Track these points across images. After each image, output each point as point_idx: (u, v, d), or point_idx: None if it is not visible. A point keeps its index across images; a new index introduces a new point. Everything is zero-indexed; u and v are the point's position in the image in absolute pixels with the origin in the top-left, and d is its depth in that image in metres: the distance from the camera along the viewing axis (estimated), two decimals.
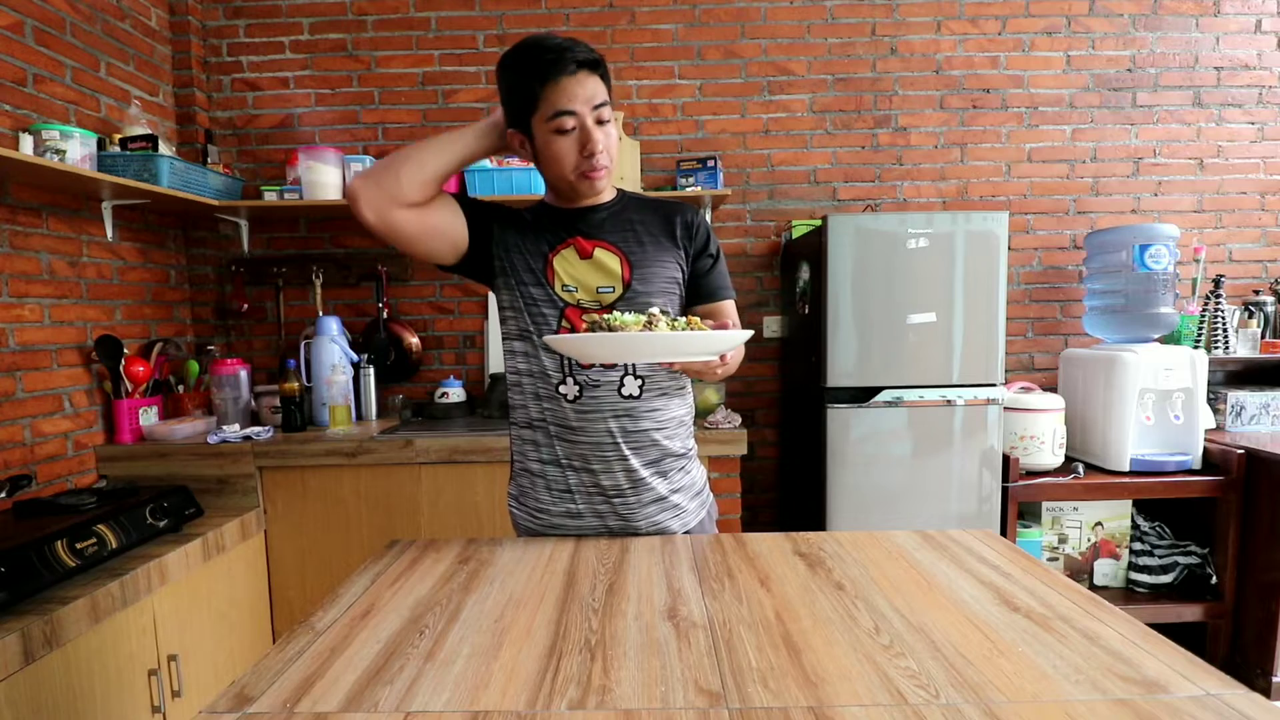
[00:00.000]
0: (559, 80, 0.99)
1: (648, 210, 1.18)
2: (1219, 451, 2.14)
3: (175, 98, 2.48)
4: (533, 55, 1.01)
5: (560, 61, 0.99)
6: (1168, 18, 2.56)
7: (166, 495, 1.85)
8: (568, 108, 1.01)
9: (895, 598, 0.85)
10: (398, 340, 2.57)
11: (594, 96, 1.02)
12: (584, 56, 1.01)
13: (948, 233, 2.05)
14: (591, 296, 1.11)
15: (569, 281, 1.11)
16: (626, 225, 1.15)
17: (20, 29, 1.84)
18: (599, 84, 1.03)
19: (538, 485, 1.16)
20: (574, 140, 1.03)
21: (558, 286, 1.11)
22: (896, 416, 2.10)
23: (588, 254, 1.12)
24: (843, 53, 2.57)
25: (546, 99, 1.01)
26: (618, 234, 1.14)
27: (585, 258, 1.12)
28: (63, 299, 1.95)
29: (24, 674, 1.28)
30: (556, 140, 1.03)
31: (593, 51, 1.03)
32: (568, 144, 1.03)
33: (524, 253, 1.12)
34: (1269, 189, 2.62)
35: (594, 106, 1.02)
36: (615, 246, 1.13)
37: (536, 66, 1.00)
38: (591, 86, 1.01)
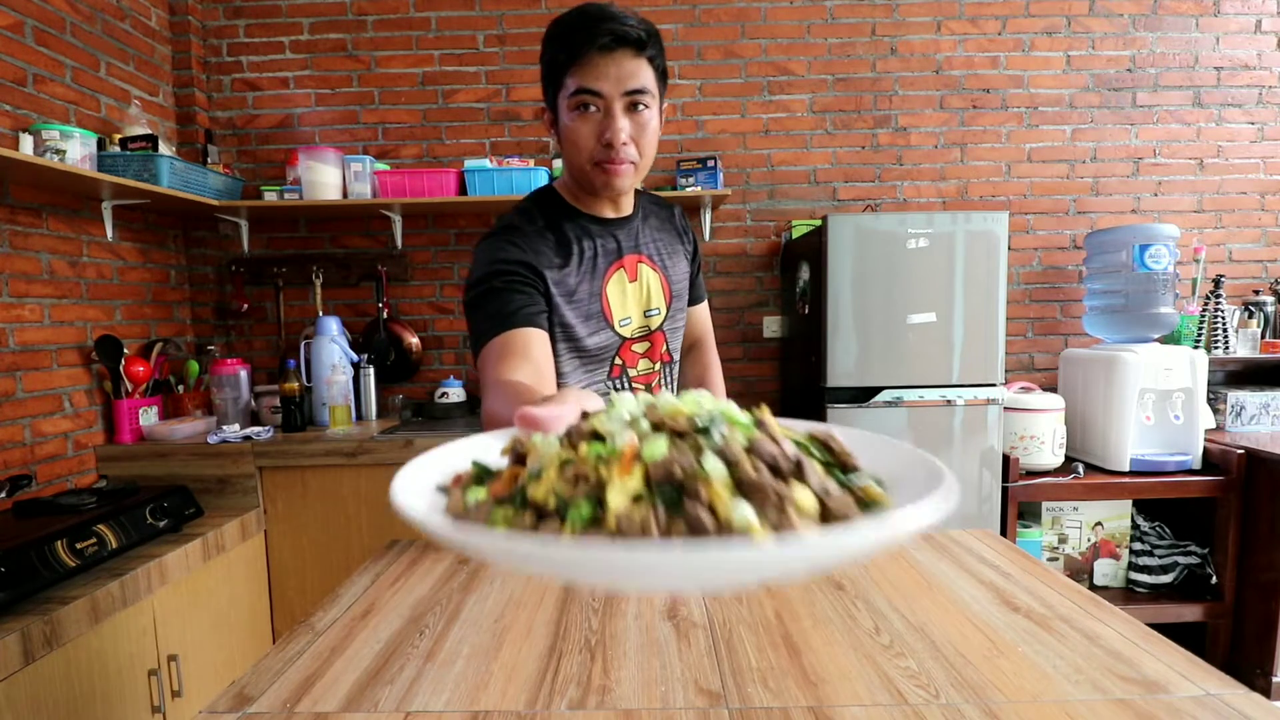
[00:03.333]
0: (587, 54, 0.85)
1: (656, 214, 1.09)
2: (1219, 451, 2.14)
3: (175, 98, 2.48)
4: (569, 23, 0.87)
5: (593, 32, 0.84)
6: (1168, 18, 2.56)
7: (166, 495, 1.85)
8: (590, 86, 0.85)
9: (895, 598, 0.85)
10: (398, 340, 2.57)
11: (628, 79, 0.86)
12: (624, 31, 0.84)
13: (948, 233, 2.05)
14: (640, 324, 1.01)
15: (623, 315, 0.99)
16: (654, 235, 1.05)
17: (20, 29, 1.83)
18: (641, 66, 0.86)
19: None
20: (594, 124, 0.88)
21: (616, 323, 0.98)
22: (896, 416, 2.10)
23: (634, 276, 1.00)
24: (843, 53, 2.57)
25: (571, 73, 0.87)
26: (652, 246, 1.03)
27: (632, 281, 1.00)
28: (63, 299, 1.95)
29: (24, 674, 1.28)
30: (575, 121, 0.88)
31: (645, 28, 0.86)
32: (586, 128, 0.88)
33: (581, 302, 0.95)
34: (1269, 189, 2.62)
35: (626, 91, 0.86)
36: (654, 261, 1.02)
37: (568, 35, 0.86)
38: (629, 67, 0.85)
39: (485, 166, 2.33)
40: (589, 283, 0.96)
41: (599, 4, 0.86)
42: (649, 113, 0.89)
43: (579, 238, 0.96)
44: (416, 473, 0.44)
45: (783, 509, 0.35)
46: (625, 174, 0.91)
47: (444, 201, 2.35)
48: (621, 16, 0.84)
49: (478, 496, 0.41)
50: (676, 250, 1.09)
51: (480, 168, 2.32)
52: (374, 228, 2.59)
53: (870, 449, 0.46)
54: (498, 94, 2.57)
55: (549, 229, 0.96)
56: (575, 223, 0.97)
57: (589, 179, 0.93)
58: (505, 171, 2.33)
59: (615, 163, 0.89)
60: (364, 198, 2.34)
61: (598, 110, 0.87)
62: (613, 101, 0.86)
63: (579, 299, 0.95)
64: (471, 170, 2.33)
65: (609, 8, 0.85)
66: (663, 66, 0.90)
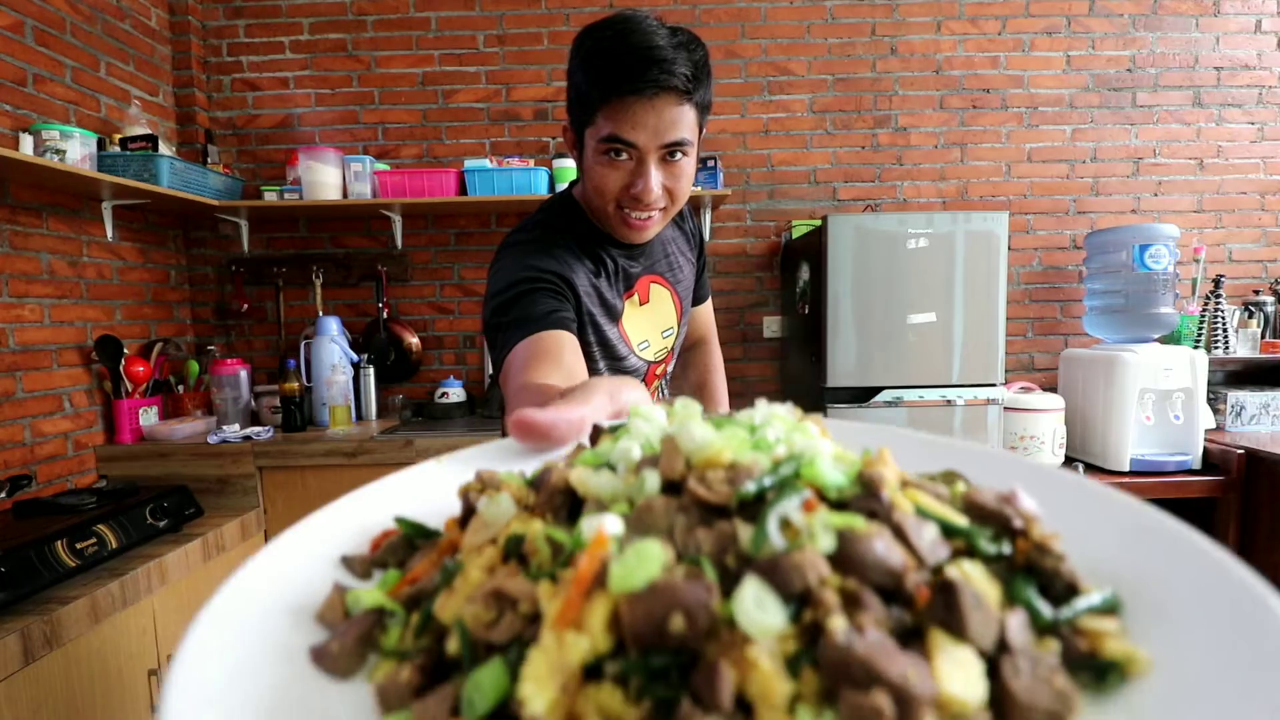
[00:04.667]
0: (624, 100, 0.74)
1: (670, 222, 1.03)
2: (1219, 451, 2.14)
3: (175, 98, 2.48)
4: (606, 53, 0.74)
5: (634, 77, 0.72)
6: (1168, 18, 2.55)
7: (166, 495, 1.85)
8: (624, 137, 0.75)
9: None
10: (398, 340, 2.57)
11: (667, 130, 0.75)
12: (672, 82, 0.73)
13: (948, 233, 2.05)
14: (659, 346, 0.97)
15: (639, 339, 0.95)
16: (668, 248, 1.00)
17: (20, 29, 1.83)
18: (684, 114, 0.76)
19: None
20: (624, 173, 0.79)
21: (635, 348, 0.94)
22: (896, 416, 2.09)
23: (645, 299, 0.95)
24: (843, 53, 2.57)
25: (605, 115, 0.76)
26: (664, 262, 0.99)
27: (644, 304, 0.95)
28: (63, 299, 1.95)
29: (24, 674, 1.28)
30: (602, 166, 0.79)
31: (693, 64, 0.74)
32: (615, 175, 0.79)
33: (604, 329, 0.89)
34: (1269, 189, 2.62)
35: (664, 143, 0.76)
36: (666, 280, 0.99)
37: (604, 71, 0.74)
38: (670, 116, 0.75)
39: (485, 166, 2.33)
40: (611, 310, 0.90)
41: (643, 25, 0.74)
42: (686, 160, 0.80)
43: (600, 262, 0.89)
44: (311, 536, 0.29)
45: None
46: (650, 228, 0.84)
47: (444, 201, 2.35)
48: (669, 58, 0.72)
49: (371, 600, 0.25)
50: (685, 256, 1.05)
51: (480, 168, 2.32)
52: (374, 228, 2.59)
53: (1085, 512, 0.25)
54: (498, 94, 2.57)
55: (578, 244, 0.88)
56: (598, 244, 0.90)
57: (609, 223, 0.86)
58: (505, 171, 2.33)
59: (640, 220, 0.82)
60: (364, 198, 2.34)
61: (629, 159, 0.78)
62: (648, 154, 0.77)
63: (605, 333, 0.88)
64: (471, 170, 2.33)
65: (655, 36, 0.73)
66: (708, 102, 0.80)
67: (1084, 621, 0.21)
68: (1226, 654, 0.19)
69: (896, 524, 0.22)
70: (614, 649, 0.20)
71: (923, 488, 0.25)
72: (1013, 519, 0.23)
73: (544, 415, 0.33)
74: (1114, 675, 0.19)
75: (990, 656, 0.19)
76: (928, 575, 0.21)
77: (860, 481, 0.24)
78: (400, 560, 0.29)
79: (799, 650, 0.19)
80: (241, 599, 0.25)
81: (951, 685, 0.18)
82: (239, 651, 0.22)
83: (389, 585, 0.26)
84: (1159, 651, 0.19)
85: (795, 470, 0.24)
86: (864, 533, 0.21)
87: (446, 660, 0.22)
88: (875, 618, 0.19)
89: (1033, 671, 0.18)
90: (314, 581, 0.27)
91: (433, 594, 0.24)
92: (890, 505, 0.23)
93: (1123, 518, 0.24)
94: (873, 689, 0.17)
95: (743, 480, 0.23)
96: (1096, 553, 0.23)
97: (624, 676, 0.19)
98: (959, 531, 0.23)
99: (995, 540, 0.23)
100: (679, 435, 0.26)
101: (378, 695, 0.22)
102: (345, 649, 0.23)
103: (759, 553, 0.21)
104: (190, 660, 0.21)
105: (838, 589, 0.20)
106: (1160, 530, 0.23)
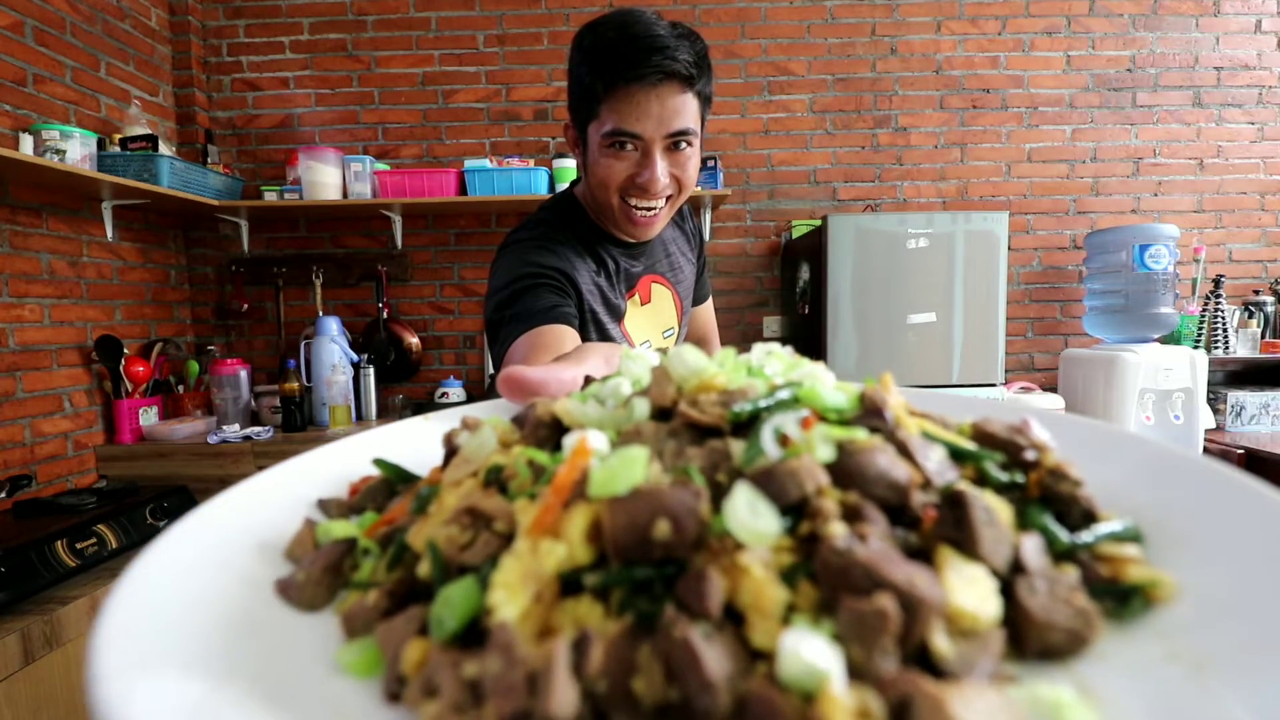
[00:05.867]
0: (628, 89, 0.74)
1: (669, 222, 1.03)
2: (1219, 452, 2.14)
3: (175, 98, 2.48)
4: (609, 45, 0.75)
5: (637, 65, 0.73)
6: (1168, 18, 2.56)
7: (166, 495, 1.85)
8: (629, 129, 0.76)
9: None
10: (398, 340, 2.57)
11: (671, 119, 0.76)
12: (674, 66, 0.73)
13: (948, 233, 2.05)
14: (660, 345, 0.97)
15: (642, 339, 0.95)
16: (668, 248, 1.00)
17: (20, 29, 1.83)
18: (686, 103, 0.77)
19: None
20: (629, 163, 0.79)
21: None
22: None
23: (647, 299, 0.96)
24: (843, 53, 2.57)
25: (609, 107, 0.76)
26: (665, 262, 0.99)
27: (645, 304, 0.95)
28: (63, 299, 1.95)
29: (24, 674, 1.28)
30: (607, 158, 0.79)
31: (695, 53, 0.76)
32: (620, 166, 0.79)
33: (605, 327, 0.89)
34: (1269, 189, 2.62)
35: (669, 133, 0.77)
36: (667, 279, 0.99)
37: (608, 63, 0.75)
38: (674, 105, 0.75)
39: (485, 166, 2.33)
40: (614, 309, 0.90)
41: (644, 18, 0.75)
42: (691, 150, 0.80)
43: (601, 262, 0.90)
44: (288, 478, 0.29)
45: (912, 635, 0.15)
46: (656, 223, 0.84)
47: (444, 201, 2.35)
48: (671, 46, 0.73)
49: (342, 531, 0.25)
50: (685, 256, 1.04)
51: (480, 168, 2.32)
52: (374, 228, 2.59)
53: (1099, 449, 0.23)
54: (498, 94, 2.57)
55: (577, 241, 0.88)
56: (600, 244, 0.90)
57: (615, 219, 0.86)
58: (505, 171, 2.33)
59: (647, 216, 0.83)
60: (364, 198, 2.34)
61: (634, 149, 0.78)
62: (653, 144, 0.77)
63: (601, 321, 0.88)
64: (471, 170, 2.33)
65: (656, 27, 0.74)
66: (710, 93, 0.81)
67: (1104, 548, 0.19)
68: (1259, 575, 0.17)
69: (901, 442, 0.19)
70: (594, 563, 0.18)
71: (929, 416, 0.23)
72: (1025, 448, 0.21)
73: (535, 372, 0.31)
74: (1138, 601, 0.18)
75: (1004, 578, 0.17)
76: (935, 496, 0.18)
77: (862, 403, 0.21)
78: (379, 505, 0.27)
79: (795, 564, 0.17)
80: (205, 529, 0.24)
81: (962, 599, 0.15)
82: (197, 577, 0.20)
83: (365, 526, 0.25)
84: (1185, 576, 0.18)
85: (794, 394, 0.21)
86: (866, 445, 0.19)
87: (417, 587, 0.21)
88: (879, 531, 0.17)
89: (1050, 591, 0.17)
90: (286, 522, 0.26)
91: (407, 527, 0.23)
92: (895, 423, 0.20)
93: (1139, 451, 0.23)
94: (875, 593, 0.15)
95: (737, 401, 0.21)
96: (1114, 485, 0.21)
97: (604, 590, 0.17)
98: (968, 455, 0.20)
99: (1007, 469, 0.20)
100: (670, 361, 0.24)
101: (343, 622, 0.20)
102: (312, 579, 0.21)
103: (752, 465, 0.18)
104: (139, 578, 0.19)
105: (838, 501, 0.18)
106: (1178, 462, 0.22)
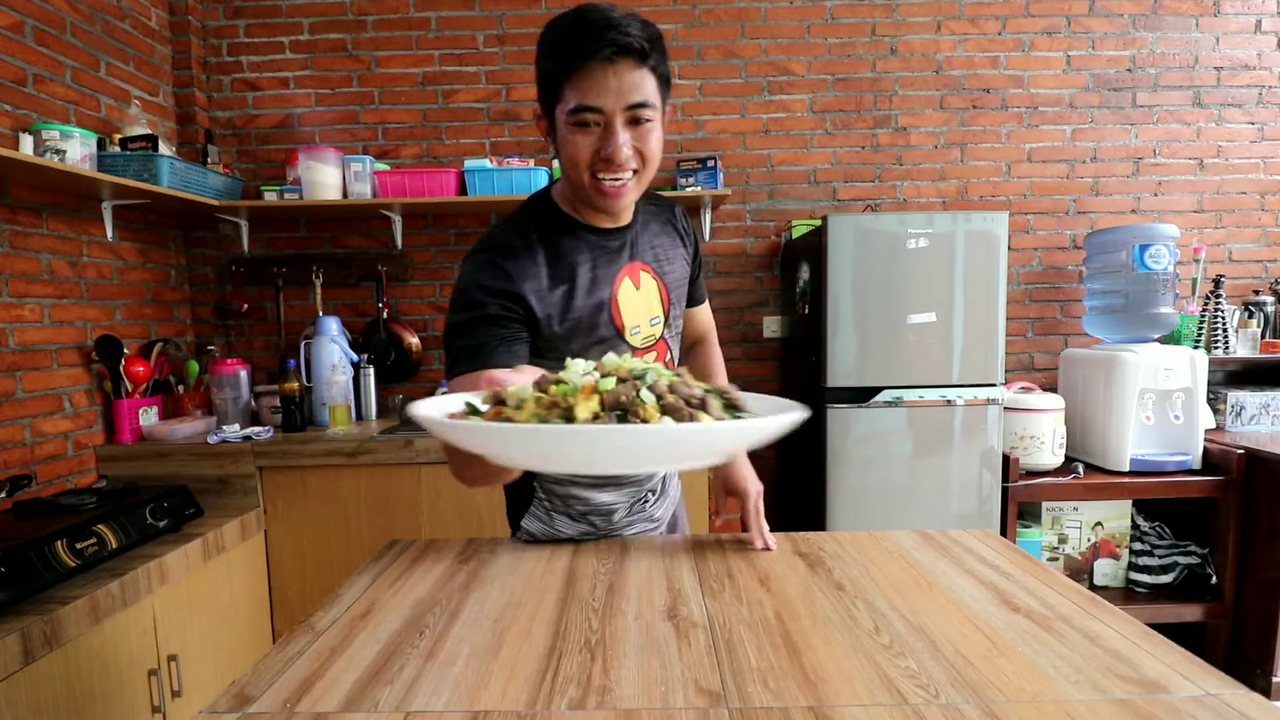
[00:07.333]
0: (587, 67, 0.81)
1: (655, 217, 1.07)
2: (1219, 451, 2.14)
3: (175, 98, 2.48)
4: (566, 30, 0.82)
5: (592, 42, 0.80)
6: (1168, 18, 2.56)
7: (166, 495, 1.85)
8: (590, 103, 0.82)
9: (895, 598, 0.85)
10: (398, 340, 2.57)
11: (629, 92, 0.82)
12: (627, 40, 0.80)
13: (948, 233, 2.05)
14: (649, 333, 1.00)
15: (633, 324, 0.98)
16: (653, 242, 1.04)
17: (20, 29, 1.83)
18: (643, 77, 0.83)
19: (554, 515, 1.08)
20: (594, 138, 0.85)
21: (627, 333, 0.97)
22: (896, 417, 2.10)
23: (638, 284, 0.99)
24: (843, 53, 2.57)
25: (571, 86, 0.83)
26: (650, 254, 1.03)
27: (637, 289, 0.99)
28: (63, 299, 1.95)
29: (24, 674, 1.28)
30: (573, 135, 0.85)
31: (647, 32, 0.82)
32: (586, 142, 0.85)
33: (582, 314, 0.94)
34: (1269, 189, 2.62)
35: (628, 106, 0.83)
36: (653, 269, 1.02)
37: (566, 45, 0.82)
38: (631, 79, 0.82)
39: (485, 166, 2.33)
40: (592, 297, 0.94)
41: (599, 6, 0.82)
42: (651, 124, 0.86)
43: (577, 253, 0.95)
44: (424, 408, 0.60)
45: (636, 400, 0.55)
46: (625, 194, 0.89)
47: (444, 201, 2.35)
48: (622, 23, 0.80)
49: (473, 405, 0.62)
50: (675, 253, 1.07)
51: (480, 168, 2.32)
52: (374, 228, 2.59)
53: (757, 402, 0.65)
54: (498, 94, 2.57)
55: (543, 244, 0.94)
56: (573, 236, 0.95)
57: (587, 195, 0.90)
58: (505, 171, 2.33)
59: (615, 185, 0.88)
60: (364, 198, 2.34)
61: (598, 125, 0.84)
62: (614, 117, 0.83)
63: (582, 318, 0.93)
64: (471, 170, 2.33)
65: (610, 11, 0.81)
66: (666, 73, 0.87)
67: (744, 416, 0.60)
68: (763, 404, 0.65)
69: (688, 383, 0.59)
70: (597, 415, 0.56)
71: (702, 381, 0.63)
72: (726, 391, 0.63)
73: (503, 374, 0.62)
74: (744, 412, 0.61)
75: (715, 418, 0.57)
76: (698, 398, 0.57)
77: (676, 374, 0.61)
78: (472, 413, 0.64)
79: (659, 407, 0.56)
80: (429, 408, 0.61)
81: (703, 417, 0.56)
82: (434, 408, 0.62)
83: None
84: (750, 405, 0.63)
85: (653, 368, 0.61)
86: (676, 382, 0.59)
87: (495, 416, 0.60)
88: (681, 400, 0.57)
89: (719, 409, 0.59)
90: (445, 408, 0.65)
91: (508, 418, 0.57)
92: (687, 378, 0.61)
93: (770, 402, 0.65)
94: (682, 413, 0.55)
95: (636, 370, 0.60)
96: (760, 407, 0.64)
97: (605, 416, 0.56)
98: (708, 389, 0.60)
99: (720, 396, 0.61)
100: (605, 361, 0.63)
101: None
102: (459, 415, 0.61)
103: (646, 384, 0.57)
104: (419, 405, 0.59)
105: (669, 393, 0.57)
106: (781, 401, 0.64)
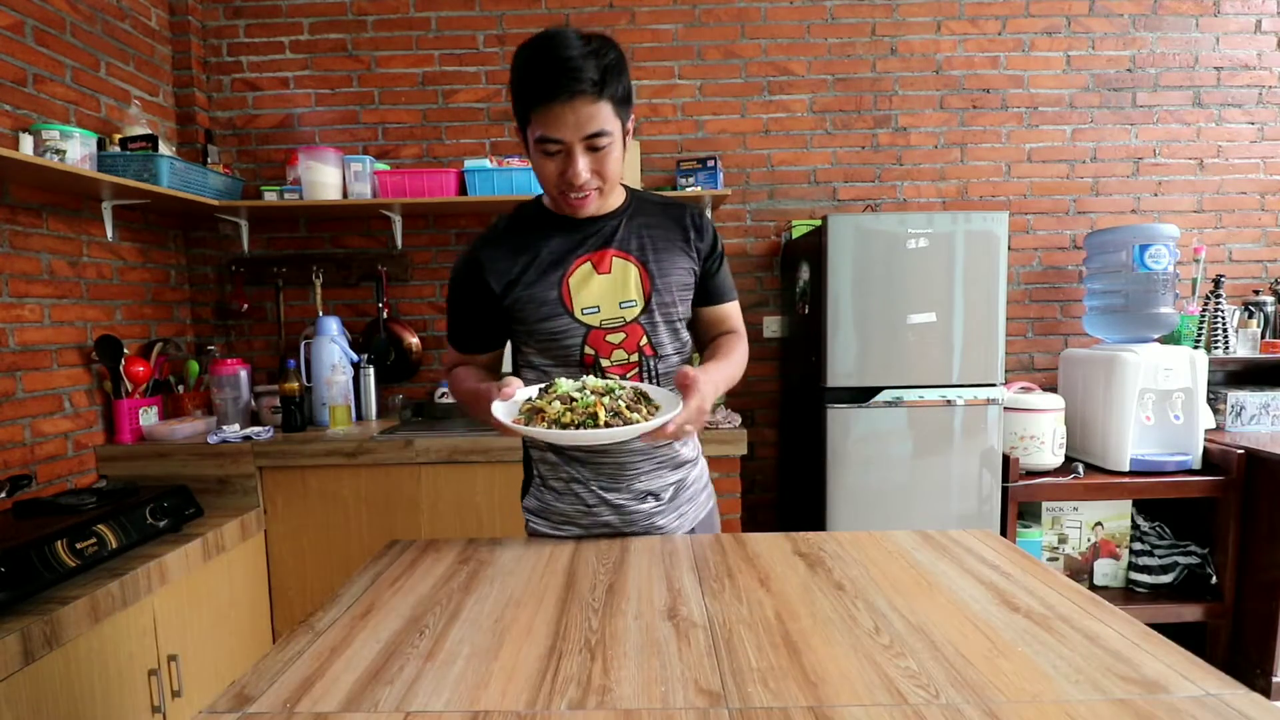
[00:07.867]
0: (549, 106, 0.92)
1: (657, 213, 1.13)
2: (1219, 451, 2.14)
3: (175, 98, 2.48)
4: (531, 70, 0.93)
5: (552, 87, 0.90)
6: (1168, 18, 2.56)
7: (166, 495, 1.85)
8: (552, 135, 0.94)
9: (895, 598, 0.85)
10: (398, 340, 2.57)
11: (586, 124, 0.93)
12: (580, 86, 0.90)
13: (948, 233, 2.05)
14: (614, 314, 1.08)
15: (589, 304, 1.07)
16: (641, 232, 1.10)
17: (20, 29, 1.83)
18: (599, 110, 0.93)
19: (563, 499, 1.14)
20: (557, 163, 0.98)
21: (577, 311, 1.06)
22: (896, 416, 2.10)
23: (605, 269, 1.07)
24: (843, 53, 2.57)
25: (535, 118, 0.94)
26: (634, 242, 1.09)
27: (603, 273, 1.07)
28: (63, 299, 1.95)
29: (24, 674, 1.28)
30: (540, 159, 0.98)
31: (600, 68, 0.91)
32: (551, 166, 0.98)
33: (533, 287, 1.07)
34: (1269, 189, 2.62)
35: (585, 136, 0.94)
36: (633, 256, 1.09)
37: (529, 86, 0.93)
38: (587, 113, 0.92)
39: (485, 166, 2.33)
40: (547, 276, 1.07)
41: (560, 37, 0.92)
42: (610, 147, 0.97)
43: (544, 239, 1.09)
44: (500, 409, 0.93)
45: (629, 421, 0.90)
46: (588, 205, 1.03)
47: (444, 201, 2.35)
48: (576, 64, 0.89)
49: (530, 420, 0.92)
50: (672, 247, 1.11)
51: (480, 168, 2.32)
52: (374, 228, 2.59)
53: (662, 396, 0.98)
54: (498, 94, 2.57)
55: (513, 233, 1.11)
56: (547, 226, 1.10)
57: (557, 205, 1.06)
58: (505, 171, 2.33)
59: (579, 199, 1.01)
60: (364, 198, 2.34)
61: (560, 151, 0.96)
62: (574, 145, 0.95)
63: (532, 290, 1.07)
64: (471, 170, 2.33)
65: (567, 49, 0.90)
66: (624, 93, 0.96)
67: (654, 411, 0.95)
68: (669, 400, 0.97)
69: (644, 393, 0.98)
70: None
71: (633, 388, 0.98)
72: (648, 392, 0.99)
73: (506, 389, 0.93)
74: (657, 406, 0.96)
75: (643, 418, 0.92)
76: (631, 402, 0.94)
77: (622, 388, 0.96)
78: None
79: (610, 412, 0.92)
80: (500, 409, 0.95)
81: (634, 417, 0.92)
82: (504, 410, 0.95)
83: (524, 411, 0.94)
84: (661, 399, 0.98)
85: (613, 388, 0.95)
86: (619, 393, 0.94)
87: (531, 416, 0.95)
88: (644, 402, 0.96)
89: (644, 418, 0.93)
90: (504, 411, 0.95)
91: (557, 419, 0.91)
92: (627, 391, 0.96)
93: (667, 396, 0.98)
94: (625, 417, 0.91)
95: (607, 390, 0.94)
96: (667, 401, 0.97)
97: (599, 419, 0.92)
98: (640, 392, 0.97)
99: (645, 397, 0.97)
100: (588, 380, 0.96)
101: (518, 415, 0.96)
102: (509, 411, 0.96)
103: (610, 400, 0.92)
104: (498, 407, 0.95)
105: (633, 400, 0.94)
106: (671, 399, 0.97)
